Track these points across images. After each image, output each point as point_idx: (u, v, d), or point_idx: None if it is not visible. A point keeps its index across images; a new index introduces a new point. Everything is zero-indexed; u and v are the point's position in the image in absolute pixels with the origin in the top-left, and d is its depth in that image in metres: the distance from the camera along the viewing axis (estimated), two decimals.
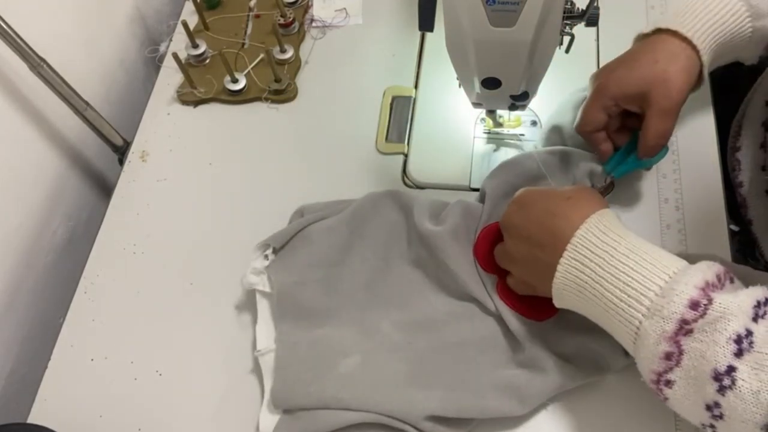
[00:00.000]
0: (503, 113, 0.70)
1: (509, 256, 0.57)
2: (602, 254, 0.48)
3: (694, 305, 0.43)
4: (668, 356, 0.44)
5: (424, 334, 0.59)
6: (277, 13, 0.81)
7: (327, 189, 0.70)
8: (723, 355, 0.41)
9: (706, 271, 0.45)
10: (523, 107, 0.66)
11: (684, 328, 0.43)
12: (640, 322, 0.45)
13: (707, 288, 0.44)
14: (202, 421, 0.60)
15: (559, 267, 0.50)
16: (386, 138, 0.73)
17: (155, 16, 0.90)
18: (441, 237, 0.60)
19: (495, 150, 0.71)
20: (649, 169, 0.65)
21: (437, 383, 0.56)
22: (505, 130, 0.71)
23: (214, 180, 0.73)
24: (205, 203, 0.72)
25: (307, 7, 0.84)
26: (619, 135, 0.62)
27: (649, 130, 0.57)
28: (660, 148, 0.59)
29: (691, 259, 0.47)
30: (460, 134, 0.72)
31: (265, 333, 0.61)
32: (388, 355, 0.58)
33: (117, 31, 0.85)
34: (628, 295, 0.46)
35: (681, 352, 0.43)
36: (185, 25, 0.77)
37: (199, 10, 0.81)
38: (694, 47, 0.57)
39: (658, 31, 0.59)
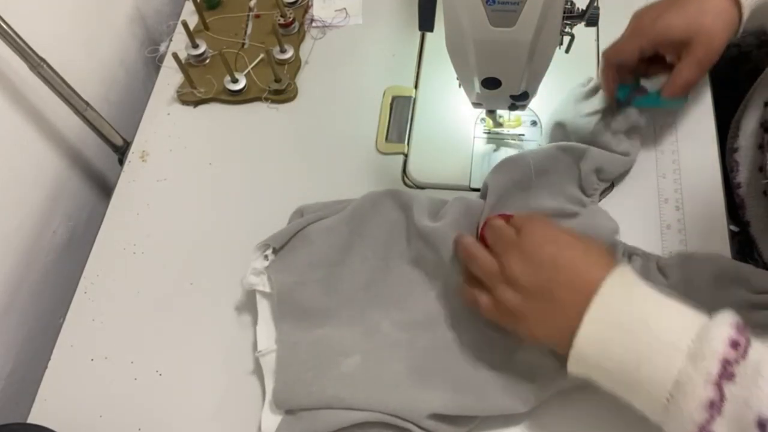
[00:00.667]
0: (503, 113, 0.70)
1: (508, 308, 0.52)
2: (630, 309, 0.46)
3: (734, 344, 0.42)
4: (711, 404, 0.41)
5: (425, 332, 0.59)
6: (277, 13, 0.81)
7: (327, 189, 0.70)
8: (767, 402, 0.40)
9: (731, 315, 0.44)
10: (523, 107, 0.66)
11: (727, 370, 0.41)
12: (679, 370, 0.42)
13: (741, 329, 0.43)
14: (202, 421, 0.60)
15: (583, 325, 0.46)
16: (386, 138, 0.73)
17: (155, 16, 0.90)
18: (441, 233, 0.60)
19: (495, 150, 0.71)
20: (668, 107, 0.67)
21: (439, 382, 0.56)
22: (505, 130, 0.71)
23: (214, 180, 0.73)
24: (205, 203, 0.72)
25: (307, 7, 0.84)
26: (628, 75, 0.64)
27: (681, 75, 0.58)
28: (683, 93, 0.60)
29: (693, 258, 0.47)
30: (460, 134, 0.72)
31: (266, 333, 0.61)
32: (389, 354, 0.58)
33: (117, 31, 0.85)
34: (663, 343, 0.43)
35: (723, 399, 0.41)
36: (185, 25, 0.77)
37: (199, 10, 0.81)
38: (738, 3, 0.57)
39: None
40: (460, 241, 0.57)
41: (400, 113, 0.75)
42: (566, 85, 0.69)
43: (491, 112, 0.69)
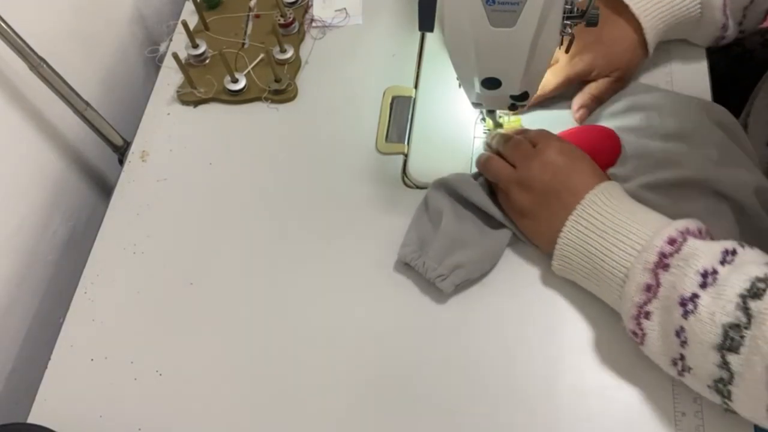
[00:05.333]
0: (503, 113, 0.70)
1: (520, 207, 0.61)
2: (605, 214, 0.55)
3: (671, 241, 0.51)
4: (648, 288, 0.51)
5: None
6: (277, 13, 0.81)
7: (327, 189, 0.70)
8: (690, 285, 0.48)
9: (690, 222, 0.52)
10: (523, 107, 0.66)
11: (662, 261, 0.50)
12: (631, 263, 0.52)
13: (686, 232, 0.51)
14: (202, 421, 0.60)
15: (567, 222, 0.56)
16: (386, 138, 0.73)
17: (155, 16, 0.90)
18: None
19: None
20: None
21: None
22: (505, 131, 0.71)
23: (214, 180, 0.73)
24: (205, 203, 0.72)
25: (307, 7, 0.84)
26: None
27: (599, 87, 0.68)
28: (594, 105, 0.69)
29: None
30: (460, 134, 0.72)
31: None
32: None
33: (117, 31, 0.85)
34: (624, 243, 0.53)
35: (658, 284, 0.50)
36: (185, 25, 0.77)
37: (199, 10, 0.81)
38: (639, 29, 0.65)
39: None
40: (480, 157, 0.65)
41: (400, 113, 0.75)
42: None
43: (491, 112, 0.69)
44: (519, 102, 0.63)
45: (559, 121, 0.69)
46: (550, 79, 0.67)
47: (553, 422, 0.56)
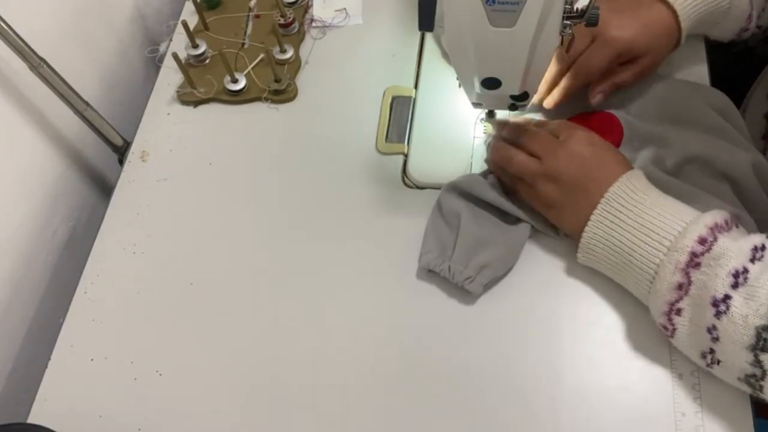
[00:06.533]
0: (503, 114, 0.70)
1: (547, 199, 0.60)
2: (631, 207, 0.55)
3: (702, 241, 0.51)
4: (680, 286, 0.52)
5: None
6: (277, 13, 0.81)
7: (327, 189, 0.70)
8: (722, 286, 0.49)
9: (717, 215, 0.52)
10: (524, 107, 0.66)
11: (693, 260, 0.51)
12: (661, 260, 0.52)
13: (715, 228, 0.51)
14: (202, 421, 0.60)
15: (593, 216, 0.57)
16: (386, 138, 0.73)
17: (155, 16, 0.90)
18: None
19: None
20: None
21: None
22: None
23: (214, 180, 0.73)
24: (205, 203, 0.72)
25: (307, 7, 0.84)
26: None
27: (621, 77, 0.67)
28: (610, 92, 0.67)
29: None
30: (460, 134, 0.72)
31: None
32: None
33: (117, 31, 0.85)
34: (652, 238, 0.53)
35: (690, 283, 0.51)
36: (185, 25, 0.77)
37: (199, 10, 0.81)
38: (675, 15, 0.64)
39: None
40: (494, 146, 0.65)
41: (400, 113, 0.75)
42: None
43: (491, 116, 0.69)
44: (519, 102, 0.63)
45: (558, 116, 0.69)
46: (589, 57, 0.65)
47: (553, 422, 0.56)
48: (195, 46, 0.79)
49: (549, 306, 0.61)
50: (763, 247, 0.50)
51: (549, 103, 0.67)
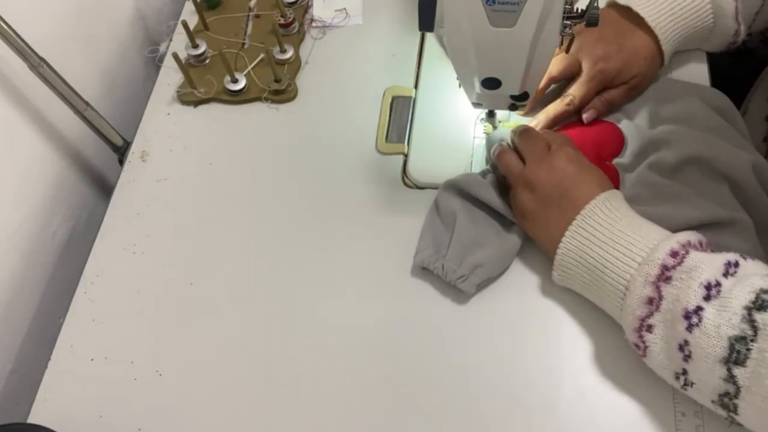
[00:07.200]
0: (503, 115, 0.70)
1: (522, 208, 0.61)
2: (607, 225, 0.54)
3: (674, 254, 0.50)
4: (650, 301, 0.51)
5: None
6: (277, 13, 0.81)
7: (327, 189, 0.70)
8: (694, 297, 0.48)
9: (691, 235, 0.52)
10: (524, 107, 0.66)
11: (665, 274, 0.50)
12: (632, 275, 0.52)
13: (688, 245, 0.51)
14: (202, 421, 0.60)
15: (567, 231, 0.56)
16: (386, 138, 0.73)
17: (155, 16, 0.90)
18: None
19: None
20: None
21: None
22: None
23: (214, 180, 0.73)
24: (205, 203, 0.72)
25: (307, 7, 0.84)
26: None
27: (611, 94, 0.68)
28: (604, 109, 0.69)
29: None
30: (460, 134, 0.72)
31: None
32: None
33: (117, 31, 0.85)
34: (625, 255, 0.53)
35: (661, 297, 0.50)
36: (185, 25, 0.77)
37: (199, 10, 0.81)
38: (656, 39, 0.65)
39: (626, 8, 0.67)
40: (496, 148, 0.65)
41: (400, 113, 0.75)
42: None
43: (491, 117, 0.69)
44: (519, 102, 0.63)
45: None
46: (579, 88, 0.67)
47: (553, 422, 0.56)
48: (195, 46, 0.79)
49: (546, 306, 0.61)
50: (736, 264, 0.49)
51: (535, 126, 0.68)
